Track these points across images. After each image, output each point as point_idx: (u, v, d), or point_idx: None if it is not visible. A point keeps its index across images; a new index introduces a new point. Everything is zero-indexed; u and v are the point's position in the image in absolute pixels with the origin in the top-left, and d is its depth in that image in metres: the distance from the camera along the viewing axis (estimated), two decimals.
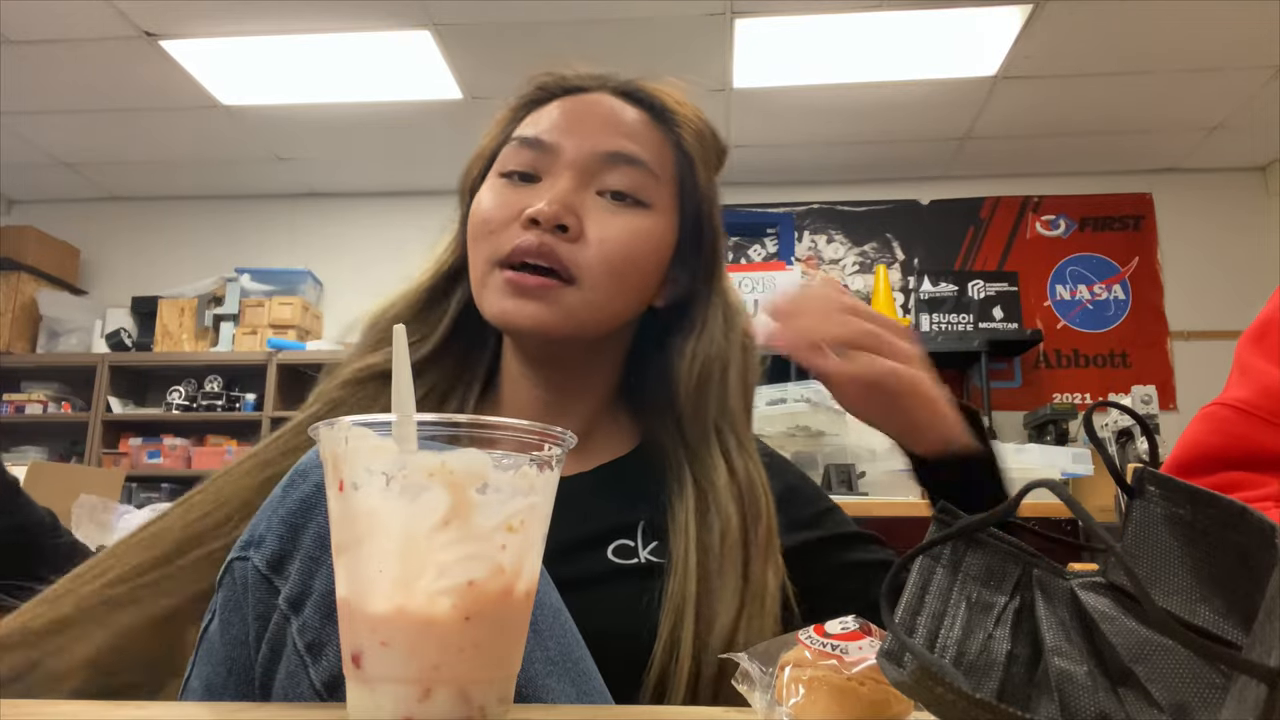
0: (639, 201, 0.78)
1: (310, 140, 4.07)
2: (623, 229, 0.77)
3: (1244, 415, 0.84)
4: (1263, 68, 3.36)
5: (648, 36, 3.23)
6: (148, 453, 4.10)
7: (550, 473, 0.47)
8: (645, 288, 0.81)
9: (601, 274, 0.76)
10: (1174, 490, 0.41)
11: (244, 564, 0.57)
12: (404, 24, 3.18)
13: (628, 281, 0.78)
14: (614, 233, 0.77)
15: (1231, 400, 0.86)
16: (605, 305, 0.77)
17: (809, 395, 2.41)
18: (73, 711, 0.52)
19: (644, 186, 0.79)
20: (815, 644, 0.48)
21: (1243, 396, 0.85)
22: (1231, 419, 0.85)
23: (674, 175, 0.82)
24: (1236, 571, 0.37)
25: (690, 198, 0.82)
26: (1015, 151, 4.11)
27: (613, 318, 0.80)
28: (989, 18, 3.11)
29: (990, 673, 0.41)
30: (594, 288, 0.76)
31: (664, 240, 0.80)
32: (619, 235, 0.77)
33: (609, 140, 0.79)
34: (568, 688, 0.56)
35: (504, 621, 0.45)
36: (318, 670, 0.52)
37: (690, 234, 0.82)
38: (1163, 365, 4.10)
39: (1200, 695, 0.36)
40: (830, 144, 4.07)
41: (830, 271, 4.36)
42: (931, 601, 0.43)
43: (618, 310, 0.79)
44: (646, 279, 0.80)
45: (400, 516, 0.42)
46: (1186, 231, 4.22)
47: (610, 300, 0.77)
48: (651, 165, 0.79)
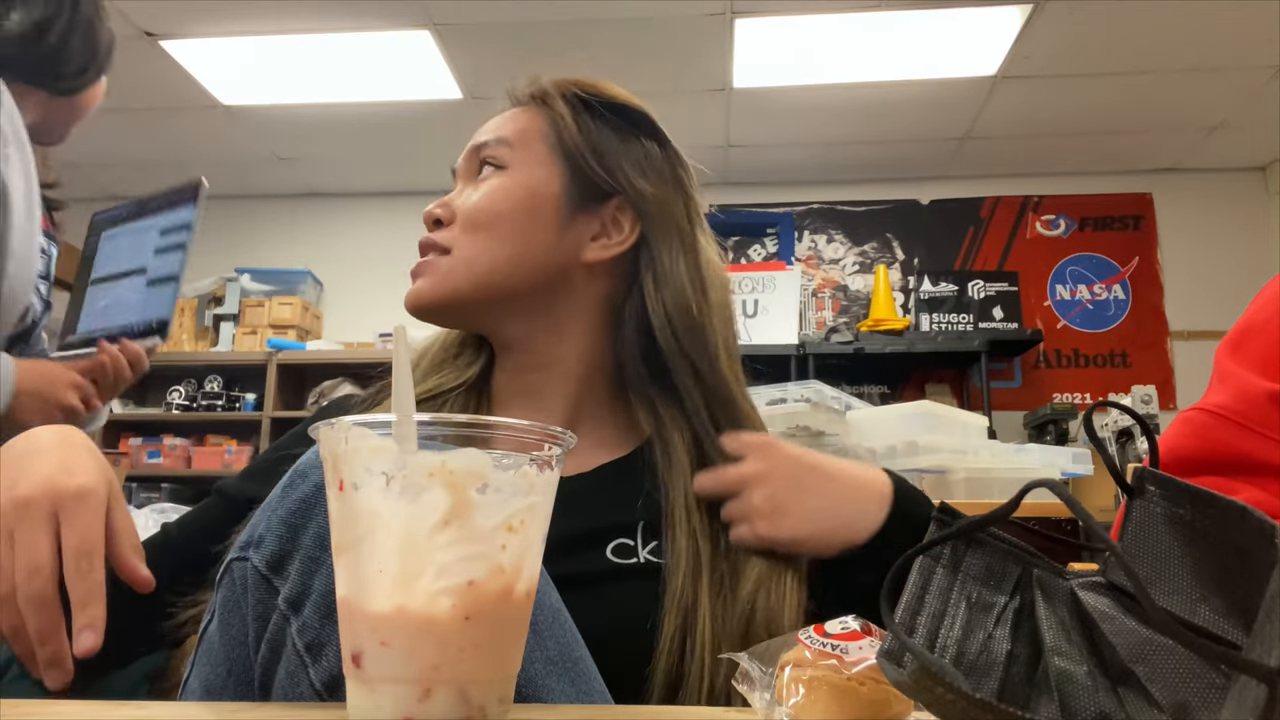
0: (495, 167, 0.84)
1: (310, 140, 4.07)
2: (477, 193, 0.84)
3: (1222, 421, 0.85)
4: (1263, 68, 3.36)
5: (648, 36, 3.23)
6: (148, 453, 4.10)
7: (550, 473, 0.47)
8: (526, 233, 0.82)
9: (464, 233, 0.82)
10: (1174, 490, 0.41)
11: (243, 564, 0.57)
12: (404, 24, 3.18)
13: (494, 230, 0.82)
14: (470, 199, 0.84)
15: (1210, 406, 0.86)
16: (476, 259, 0.81)
17: (809, 395, 2.40)
18: (73, 711, 0.52)
19: (497, 156, 0.84)
20: (815, 644, 0.48)
21: (1221, 402, 0.85)
22: (1210, 424, 0.85)
23: (542, 135, 0.85)
24: (1236, 571, 0.37)
25: (568, 147, 0.84)
26: (1015, 151, 4.11)
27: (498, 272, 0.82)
28: (989, 18, 3.11)
29: (990, 673, 0.41)
30: (461, 247, 0.82)
31: (530, 188, 0.83)
32: (473, 198, 0.83)
33: (476, 141, 0.87)
34: (568, 688, 0.56)
35: (504, 621, 0.45)
36: (317, 670, 0.52)
37: (581, 180, 0.84)
38: (1163, 365, 4.10)
39: (1200, 695, 0.36)
40: (830, 144, 4.07)
41: (830, 271, 4.36)
42: (931, 601, 0.43)
43: (498, 262, 0.82)
44: (520, 224, 0.82)
45: (400, 516, 0.42)
46: (1186, 231, 4.22)
47: (480, 251, 0.81)
48: (507, 138, 0.85)
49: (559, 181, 0.84)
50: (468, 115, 3.70)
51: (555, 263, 0.83)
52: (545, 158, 0.84)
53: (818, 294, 4.32)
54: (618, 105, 0.87)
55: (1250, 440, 0.83)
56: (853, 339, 3.84)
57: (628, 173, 0.85)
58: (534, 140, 0.85)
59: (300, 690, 0.53)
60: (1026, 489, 0.43)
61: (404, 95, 3.66)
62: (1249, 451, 0.83)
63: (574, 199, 0.84)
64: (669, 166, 0.87)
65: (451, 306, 0.83)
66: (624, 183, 0.84)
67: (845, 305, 4.30)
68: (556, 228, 0.83)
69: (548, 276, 0.83)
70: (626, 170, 0.85)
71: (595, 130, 0.85)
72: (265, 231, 4.64)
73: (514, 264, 0.82)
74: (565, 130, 0.84)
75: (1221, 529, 0.39)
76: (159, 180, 1.47)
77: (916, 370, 4.14)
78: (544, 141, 0.84)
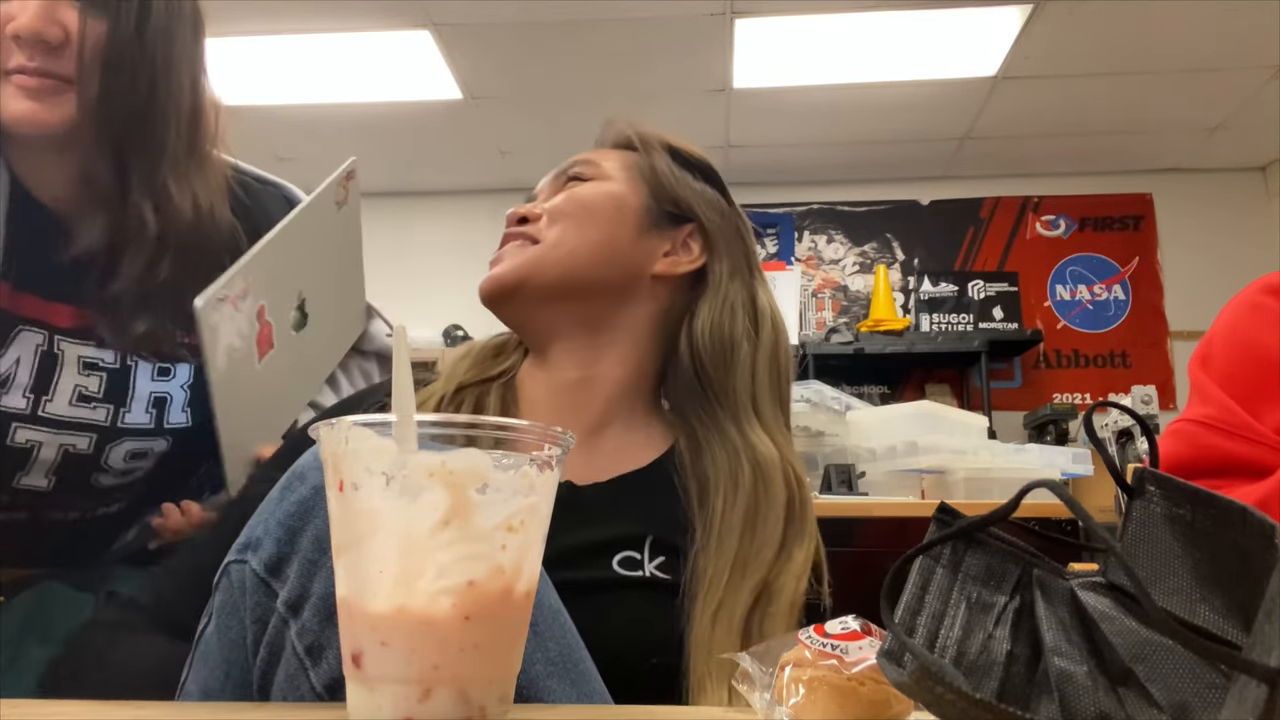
0: (582, 179, 0.91)
1: (310, 140, 4.07)
2: (567, 192, 0.90)
3: (1209, 429, 0.89)
4: (1263, 68, 3.36)
5: (648, 36, 3.23)
6: None
7: (550, 473, 0.47)
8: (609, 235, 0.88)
9: (550, 223, 0.88)
10: (1174, 490, 0.41)
11: (241, 567, 0.57)
12: (404, 24, 3.18)
13: (579, 222, 0.87)
14: (561, 197, 0.90)
15: (1197, 416, 0.92)
16: (559, 243, 0.86)
17: (809, 395, 2.40)
18: (73, 711, 0.52)
19: (587, 170, 0.91)
20: (815, 644, 0.48)
21: (1205, 413, 0.91)
22: (1199, 433, 0.90)
23: (628, 163, 0.92)
24: (1237, 571, 0.37)
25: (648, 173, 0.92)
26: (1015, 151, 4.10)
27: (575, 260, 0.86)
28: (989, 18, 3.11)
29: (990, 673, 0.41)
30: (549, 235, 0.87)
31: (616, 196, 0.90)
32: (564, 196, 0.90)
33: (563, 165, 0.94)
34: (568, 689, 0.56)
35: (504, 621, 0.45)
36: (317, 673, 0.52)
37: (660, 202, 0.91)
38: (1163, 365, 4.10)
39: (1200, 695, 0.36)
40: (830, 144, 4.07)
41: (830, 272, 4.36)
42: (931, 601, 0.43)
43: (582, 243, 0.87)
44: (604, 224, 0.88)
45: (400, 516, 0.42)
46: (1186, 231, 4.21)
47: (568, 234, 0.87)
48: (594, 160, 0.92)
49: (640, 198, 0.91)
50: (468, 115, 3.70)
51: (630, 263, 0.89)
52: (630, 178, 0.92)
53: (818, 294, 4.32)
54: (695, 157, 0.95)
55: (1238, 444, 0.87)
56: (853, 339, 3.84)
57: (701, 205, 0.92)
58: (620, 165, 0.93)
59: (300, 693, 0.53)
60: (1026, 489, 0.42)
61: (404, 95, 3.66)
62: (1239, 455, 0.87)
63: (653, 215, 0.90)
64: (734, 216, 0.95)
65: (527, 291, 0.87)
66: (698, 211, 0.92)
67: (845, 305, 4.30)
68: (635, 233, 0.89)
69: (621, 276, 0.88)
70: (700, 203, 0.92)
71: (675, 167, 0.93)
72: None
73: (595, 253, 0.87)
74: (648, 162, 0.93)
75: (1221, 529, 0.39)
76: None
77: (916, 370, 4.13)
78: (630, 168, 0.93)
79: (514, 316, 0.91)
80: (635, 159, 0.93)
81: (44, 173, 0.97)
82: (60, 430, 0.97)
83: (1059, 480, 2.06)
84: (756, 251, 0.96)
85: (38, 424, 0.96)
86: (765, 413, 0.87)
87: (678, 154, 0.95)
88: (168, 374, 1.02)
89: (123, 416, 1.00)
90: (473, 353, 0.93)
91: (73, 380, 0.97)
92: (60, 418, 0.97)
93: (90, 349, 0.99)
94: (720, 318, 0.88)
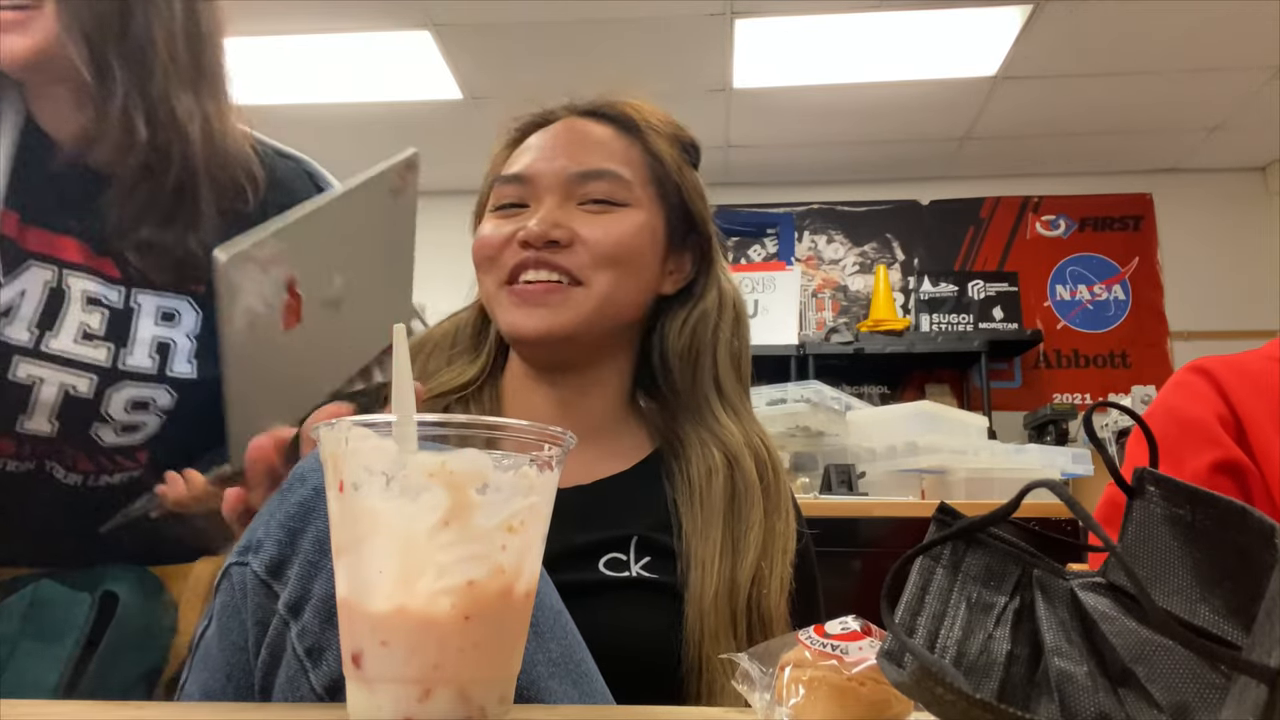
0: (618, 204, 0.85)
1: (310, 140, 4.07)
2: (610, 225, 0.84)
3: None
4: (1263, 68, 3.36)
5: (648, 36, 3.23)
6: None
7: (550, 473, 0.47)
8: (646, 275, 0.86)
9: (603, 268, 0.82)
10: (1174, 490, 0.41)
11: (242, 569, 0.57)
12: (404, 24, 3.18)
13: (628, 270, 0.84)
14: (603, 231, 0.83)
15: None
16: (612, 296, 0.83)
17: (809, 395, 2.40)
18: (73, 711, 0.52)
19: (618, 191, 0.85)
20: (815, 644, 0.48)
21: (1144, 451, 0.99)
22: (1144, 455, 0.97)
23: (647, 176, 0.88)
24: (1237, 572, 0.37)
25: (669, 192, 0.89)
26: (1015, 151, 4.10)
27: (621, 309, 0.85)
28: (989, 18, 3.11)
29: (990, 673, 0.41)
30: (599, 282, 0.82)
31: (652, 230, 0.86)
32: (608, 231, 0.84)
33: (580, 159, 0.86)
34: (570, 689, 0.56)
35: (504, 622, 0.45)
36: (318, 675, 0.52)
37: (678, 223, 0.89)
38: (1163, 365, 4.10)
39: (1200, 695, 0.36)
40: (830, 144, 4.07)
41: (830, 272, 4.36)
42: (931, 602, 0.43)
43: (624, 300, 0.84)
44: (645, 267, 0.86)
45: (400, 517, 0.42)
46: (1186, 231, 4.21)
47: (615, 290, 0.83)
48: (622, 173, 0.86)
49: (663, 222, 0.88)
50: (468, 115, 3.70)
51: (653, 292, 0.88)
52: (654, 198, 0.88)
53: (818, 294, 4.32)
54: (696, 145, 0.92)
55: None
56: (853, 339, 3.84)
57: (706, 215, 0.91)
58: (643, 180, 0.88)
59: (301, 695, 0.53)
60: (1026, 489, 0.42)
61: (404, 95, 3.66)
62: None
63: (672, 239, 0.89)
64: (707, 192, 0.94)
65: (583, 340, 0.84)
66: (707, 225, 0.91)
67: (845, 306, 4.30)
68: (659, 264, 0.88)
69: (646, 306, 0.88)
70: (707, 212, 0.91)
71: (688, 175, 0.90)
72: None
73: (637, 300, 0.87)
74: (667, 173, 0.89)
75: (1221, 529, 0.39)
76: None
77: (916, 370, 4.13)
78: (651, 183, 0.88)
79: (550, 358, 0.87)
80: (650, 162, 0.89)
81: (54, 109, 0.97)
82: (62, 368, 0.95)
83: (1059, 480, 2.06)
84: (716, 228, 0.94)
85: (40, 359, 0.94)
86: (729, 393, 0.88)
87: (684, 148, 0.92)
88: (172, 319, 1.01)
89: (124, 358, 0.98)
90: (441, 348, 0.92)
91: (77, 318, 0.96)
92: (63, 354, 0.95)
93: (95, 283, 0.97)
94: (695, 326, 0.88)
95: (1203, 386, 0.98)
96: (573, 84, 1.00)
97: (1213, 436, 0.94)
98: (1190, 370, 1.02)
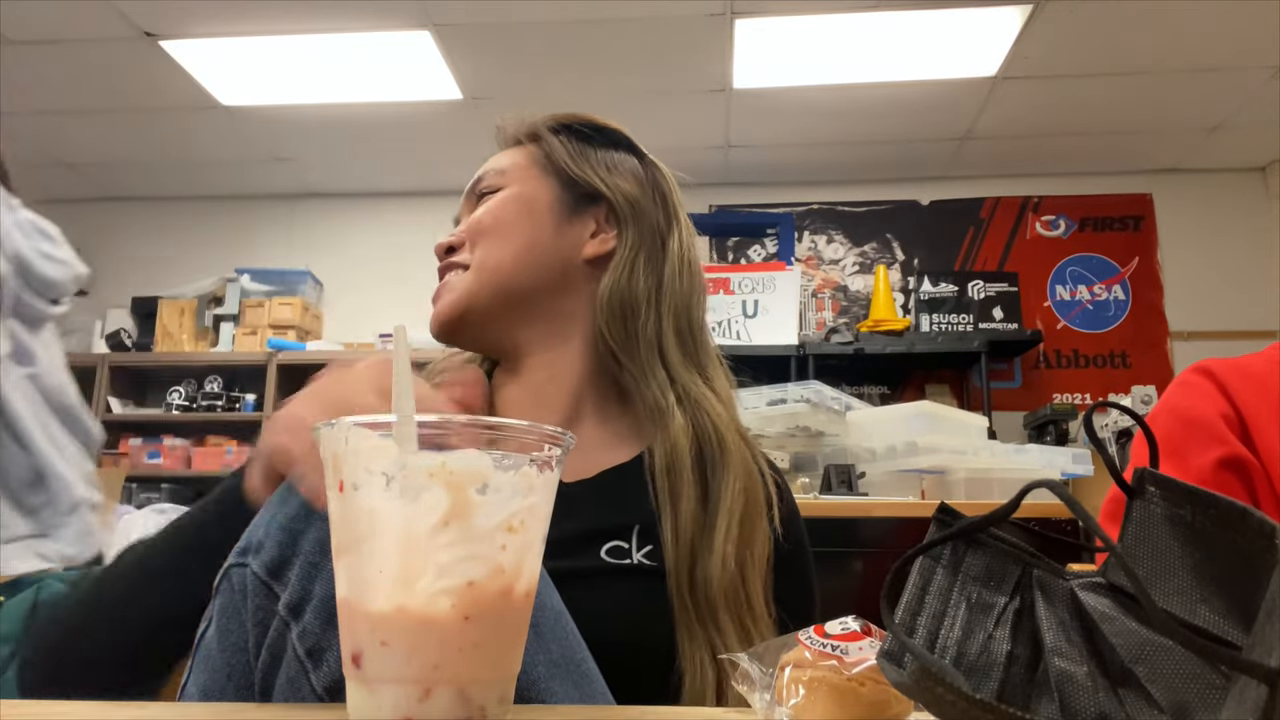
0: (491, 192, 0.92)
1: (310, 140, 4.07)
2: (482, 208, 0.91)
3: None
4: (1263, 68, 3.36)
5: (648, 36, 3.23)
6: (147, 453, 4.09)
7: (550, 473, 0.47)
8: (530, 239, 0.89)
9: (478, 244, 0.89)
10: (1174, 490, 0.41)
11: (242, 570, 0.57)
12: (404, 24, 3.18)
13: (500, 236, 0.88)
14: (476, 215, 0.91)
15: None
16: (485, 263, 0.88)
17: (809, 395, 2.40)
18: (73, 711, 0.52)
19: (493, 184, 0.92)
20: (815, 644, 0.48)
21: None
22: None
23: (533, 160, 0.93)
24: (1237, 572, 0.37)
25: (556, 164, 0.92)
26: (1015, 151, 4.11)
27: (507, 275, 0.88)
28: (989, 18, 3.11)
29: (990, 673, 0.41)
30: (475, 257, 0.88)
31: (528, 199, 0.90)
32: (479, 213, 0.91)
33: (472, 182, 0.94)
34: (570, 690, 0.56)
35: (504, 622, 0.45)
36: (319, 676, 0.52)
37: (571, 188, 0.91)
38: (1163, 365, 4.10)
39: (1200, 695, 0.36)
40: (830, 144, 4.07)
41: (830, 272, 4.36)
42: (931, 602, 0.43)
43: (506, 264, 0.88)
44: (522, 231, 0.89)
45: (400, 517, 0.42)
46: (1186, 231, 4.22)
47: (488, 258, 0.88)
48: (501, 168, 0.92)
49: (551, 192, 0.91)
50: (467, 116, 3.70)
51: (558, 260, 0.89)
52: (537, 176, 0.92)
53: (818, 294, 4.32)
54: (596, 126, 0.95)
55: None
56: (853, 339, 3.84)
57: (607, 177, 0.92)
58: (525, 166, 0.93)
59: (301, 696, 0.53)
60: (1026, 489, 0.42)
61: (404, 96, 3.66)
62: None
63: (568, 204, 0.91)
64: (646, 173, 0.95)
65: (471, 316, 0.88)
66: (605, 186, 0.92)
67: (845, 306, 4.30)
68: (554, 228, 0.90)
69: (552, 274, 0.89)
70: (606, 175, 0.92)
71: (576, 145, 0.93)
72: (265, 232, 4.64)
73: (520, 260, 0.88)
74: (552, 151, 0.93)
75: (1222, 529, 0.39)
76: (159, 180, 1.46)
77: (916, 371, 4.14)
78: (535, 165, 0.93)
79: (470, 343, 0.93)
80: (537, 153, 0.93)
81: None
82: None
83: (1059, 480, 2.06)
84: (678, 200, 0.95)
85: None
86: (673, 361, 0.87)
87: (576, 130, 0.94)
88: None
89: None
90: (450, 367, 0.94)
91: None
92: None
93: None
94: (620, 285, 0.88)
95: (1207, 386, 1.00)
96: (573, 84, 1.00)
97: (1217, 434, 0.96)
98: (1194, 371, 1.04)
